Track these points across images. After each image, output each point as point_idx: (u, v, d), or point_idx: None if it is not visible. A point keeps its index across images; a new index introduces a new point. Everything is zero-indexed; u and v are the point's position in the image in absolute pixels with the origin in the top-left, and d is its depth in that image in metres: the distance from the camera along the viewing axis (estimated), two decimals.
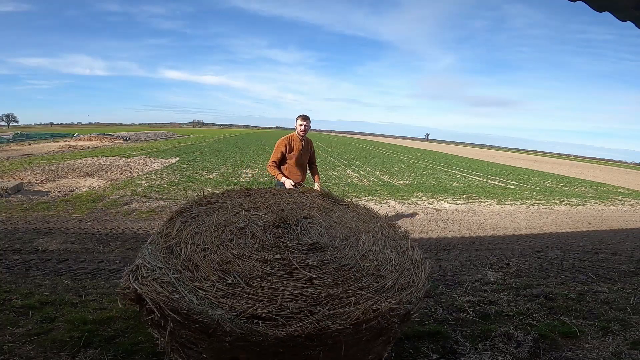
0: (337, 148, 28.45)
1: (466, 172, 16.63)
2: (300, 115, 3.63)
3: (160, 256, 1.52)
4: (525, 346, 2.24)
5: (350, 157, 19.83)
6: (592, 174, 23.37)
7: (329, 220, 2.13)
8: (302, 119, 3.61)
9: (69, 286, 2.96)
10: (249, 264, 1.54)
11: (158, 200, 6.61)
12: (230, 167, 11.98)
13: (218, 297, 1.30)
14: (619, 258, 5.02)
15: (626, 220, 8.43)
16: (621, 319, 2.73)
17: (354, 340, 1.26)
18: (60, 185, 7.59)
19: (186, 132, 50.86)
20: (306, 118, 3.62)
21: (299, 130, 3.62)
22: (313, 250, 1.72)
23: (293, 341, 1.17)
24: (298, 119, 3.63)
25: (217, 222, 1.90)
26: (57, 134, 28.73)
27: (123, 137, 25.06)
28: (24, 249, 3.86)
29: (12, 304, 2.44)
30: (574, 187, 14.66)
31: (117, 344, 2.01)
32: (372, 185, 10.23)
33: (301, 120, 3.61)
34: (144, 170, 10.37)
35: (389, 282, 1.53)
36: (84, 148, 17.11)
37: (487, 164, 25.26)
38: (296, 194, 2.57)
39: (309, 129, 3.66)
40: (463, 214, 7.28)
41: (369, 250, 1.81)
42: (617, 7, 1.94)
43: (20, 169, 9.22)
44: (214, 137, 36.47)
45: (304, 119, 3.61)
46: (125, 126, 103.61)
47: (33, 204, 5.88)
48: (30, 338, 2.02)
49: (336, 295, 1.39)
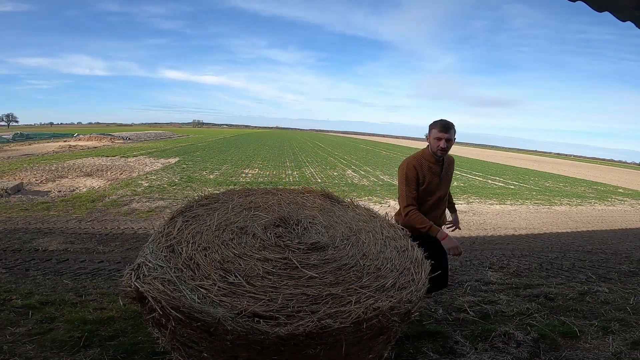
0: (337, 148, 28.45)
1: (466, 172, 16.64)
2: (438, 123, 2.19)
3: (161, 255, 1.52)
4: (525, 346, 2.24)
5: (350, 157, 19.84)
6: (592, 174, 23.40)
7: (330, 220, 2.14)
8: (441, 128, 2.17)
9: (69, 286, 2.96)
10: (250, 263, 1.55)
11: (158, 200, 6.61)
12: (230, 167, 11.99)
13: (219, 296, 1.30)
14: (619, 258, 5.03)
15: (626, 220, 8.44)
16: (621, 319, 2.73)
17: (354, 339, 1.26)
18: (60, 185, 7.59)
19: (186, 132, 50.89)
20: (448, 128, 2.18)
21: (435, 148, 2.19)
22: (314, 250, 1.72)
23: (294, 340, 1.18)
24: (434, 128, 2.20)
25: (218, 222, 1.90)
26: (57, 134, 28.74)
27: (123, 137, 25.06)
28: (24, 249, 3.86)
29: (12, 304, 2.44)
30: (574, 187, 14.67)
31: (117, 344, 2.01)
32: (372, 185, 10.23)
33: (440, 130, 2.17)
34: (144, 170, 10.37)
35: (389, 281, 1.53)
36: (84, 148, 17.12)
37: (487, 164, 25.27)
38: (296, 194, 2.57)
39: (452, 145, 2.23)
40: (463, 214, 7.29)
41: (369, 249, 1.81)
42: (617, 7, 1.95)
43: (20, 169, 9.22)
44: (214, 137, 36.48)
45: (443, 128, 2.17)
46: (125, 126, 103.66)
47: (33, 204, 5.88)
48: (30, 338, 2.02)
49: (337, 294, 1.39)
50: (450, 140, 2.18)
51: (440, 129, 2.16)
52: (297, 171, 12.12)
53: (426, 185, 2.21)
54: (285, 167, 13.16)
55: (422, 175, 2.20)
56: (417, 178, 2.19)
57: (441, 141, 2.16)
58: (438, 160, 2.24)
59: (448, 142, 2.17)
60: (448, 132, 2.16)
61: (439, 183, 2.26)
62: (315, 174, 11.84)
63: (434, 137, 2.19)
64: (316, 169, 13.21)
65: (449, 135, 2.17)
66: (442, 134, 2.16)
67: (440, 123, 2.17)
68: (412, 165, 2.21)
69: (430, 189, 2.23)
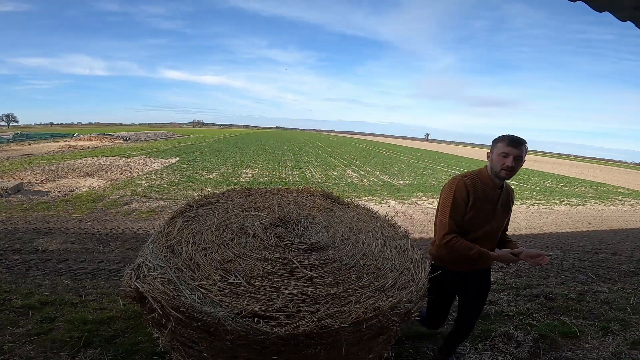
0: (337, 148, 28.45)
1: None
2: (506, 137, 1.70)
3: (161, 255, 1.52)
4: (525, 346, 2.24)
5: (350, 157, 19.84)
6: (592, 174, 23.40)
7: (330, 220, 2.14)
8: (509, 142, 1.68)
9: (69, 286, 2.96)
10: (250, 263, 1.55)
11: (158, 200, 6.61)
12: (230, 167, 11.99)
13: (219, 296, 1.30)
14: (619, 258, 5.03)
15: (626, 220, 8.44)
16: (621, 319, 2.74)
17: (354, 339, 1.26)
18: (60, 185, 7.59)
19: (186, 132, 50.90)
20: (520, 143, 1.68)
21: (498, 167, 1.70)
22: (314, 250, 1.72)
23: (294, 340, 1.18)
24: (499, 142, 1.72)
25: (218, 222, 1.90)
26: (57, 134, 28.75)
27: (123, 137, 25.07)
28: (24, 249, 3.86)
29: (12, 304, 2.44)
30: (574, 187, 14.68)
31: (117, 344, 2.01)
32: (372, 185, 10.23)
33: (508, 145, 1.68)
34: (144, 170, 10.37)
35: (389, 281, 1.53)
36: (84, 148, 17.12)
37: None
38: (296, 194, 2.57)
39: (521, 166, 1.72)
40: None
41: (369, 249, 1.81)
42: (617, 7, 1.95)
43: (20, 169, 9.22)
44: (214, 137, 36.48)
45: (513, 143, 1.68)
46: (125, 126, 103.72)
47: (33, 204, 5.88)
48: (30, 338, 2.02)
49: (337, 294, 1.39)
50: (520, 160, 1.66)
51: (509, 143, 1.66)
52: (297, 171, 12.13)
53: (475, 213, 1.72)
54: (285, 167, 13.17)
55: (472, 200, 1.71)
56: (466, 202, 1.71)
57: (508, 158, 1.65)
58: (497, 184, 1.75)
59: (517, 161, 1.66)
60: (518, 148, 1.65)
61: (493, 214, 1.76)
62: (315, 174, 11.84)
63: (499, 152, 1.68)
64: (316, 169, 13.21)
65: (519, 153, 1.65)
66: (511, 149, 1.65)
67: (509, 137, 1.68)
68: (463, 185, 1.71)
69: (479, 219, 1.73)
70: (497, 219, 1.80)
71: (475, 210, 1.72)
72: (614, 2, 1.91)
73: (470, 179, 1.76)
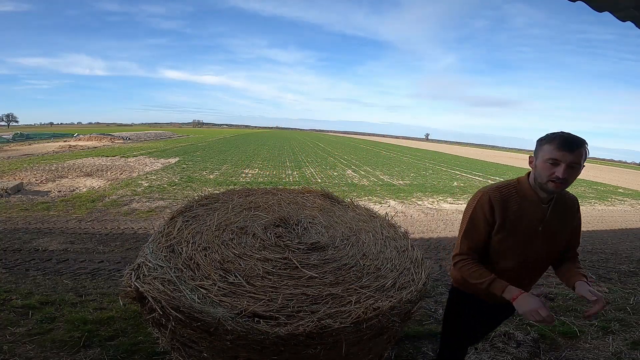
0: (337, 148, 28.45)
1: (466, 172, 16.64)
2: (557, 137, 1.24)
3: (161, 255, 1.52)
4: (525, 346, 2.25)
5: (350, 157, 19.84)
6: (592, 174, 23.40)
7: (330, 220, 2.14)
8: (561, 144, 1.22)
9: (69, 286, 2.96)
10: (250, 263, 1.55)
11: (158, 200, 6.61)
12: (230, 167, 11.99)
13: (219, 296, 1.30)
14: (619, 258, 5.03)
15: (626, 220, 8.44)
16: (621, 319, 2.74)
17: (354, 339, 1.26)
18: (60, 185, 7.59)
19: (186, 132, 50.90)
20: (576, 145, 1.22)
21: (544, 177, 1.26)
22: (314, 250, 1.72)
23: (294, 340, 1.18)
24: (548, 144, 1.26)
25: (218, 222, 1.90)
26: (57, 134, 28.75)
27: (123, 137, 25.07)
28: (24, 249, 3.86)
29: (12, 304, 2.44)
30: (574, 187, 14.67)
31: (117, 344, 2.01)
32: (372, 185, 10.23)
33: (559, 147, 1.22)
34: (144, 170, 10.37)
35: (389, 281, 1.53)
36: (84, 148, 17.12)
37: (487, 164, 25.28)
38: (296, 194, 2.57)
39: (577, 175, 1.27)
40: None
41: (369, 249, 1.81)
42: (617, 7, 1.95)
43: (20, 169, 9.22)
44: (214, 137, 36.49)
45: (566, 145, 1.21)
46: (125, 126, 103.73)
47: (33, 204, 5.88)
48: (30, 338, 2.02)
49: (337, 294, 1.39)
50: (576, 169, 1.20)
51: (561, 146, 1.19)
52: (297, 171, 12.13)
53: (504, 236, 1.31)
54: (285, 167, 13.17)
55: (501, 219, 1.30)
56: (489, 222, 1.31)
57: (559, 167, 1.19)
58: (544, 198, 1.31)
59: (572, 170, 1.20)
60: (573, 152, 1.18)
61: (533, 237, 1.32)
62: (315, 174, 11.84)
63: (547, 157, 1.22)
64: (316, 169, 13.21)
65: (574, 158, 1.19)
66: (564, 155, 1.18)
67: (560, 137, 1.21)
68: (487, 200, 1.31)
69: (511, 244, 1.32)
70: (541, 245, 1.34)
71: (505, 233, 1.31)
72: (614, 2, 1.91)
73: (501, 191, 1.33)
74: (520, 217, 1.32)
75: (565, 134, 1.24)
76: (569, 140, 1.21)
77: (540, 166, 1.26)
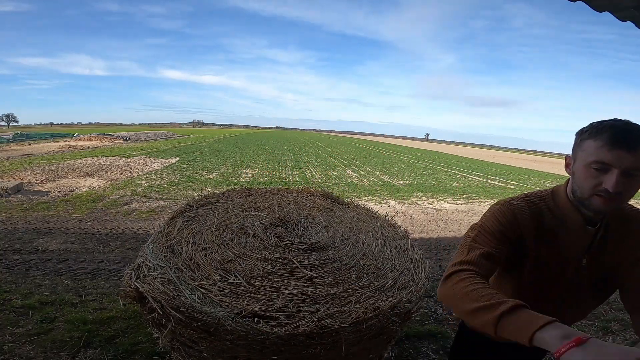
0: (337, 148, 28.45)
1: (466, 172, 16.64)
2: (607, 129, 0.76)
3: (161, 255, 1.52)
4: None
5: (350, 157, 19.84)
6: None
7: (330, 220, 2.14)
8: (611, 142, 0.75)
9: (69, 286, 2.96)
10: (250, 263, 1.55)
11: (158, 200, 6.60)
12: (230, 167, 11.98)
13: (219, 296, 1.31)
14: None
15: None
16: (621, 319, 2.74)
17: (354, 339, 1.26)
18: (60, 185, 7.59)
19: (186, 132, 50.89)
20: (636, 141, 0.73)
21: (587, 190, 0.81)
22: (314, 250, 1.72)
23: (294, 340, 1.18)
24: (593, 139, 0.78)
25: (218, 222, 1.90)
26: (57, 134, 28.75)
27: (123, 137, 25.06)
28: (24, 249, 3.85)
29: (12, 304, 2.44)
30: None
31: (117, 344, 2.01)
32: (372, 185, 10.23)
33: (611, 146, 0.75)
34: (144, 170, 10.37)
35: (389, 281, 1.53)
36: (84, 148, 17.12)
37: (487, 164, 25.26)
38: (296, 194, 2.57)
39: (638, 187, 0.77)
40: (463, 214, 7.28)
41: (369, 249, 1.81)
42: (617, 7, 1.95)
43: (20, 169, 9.22)
44: (214, 137, 36.48)
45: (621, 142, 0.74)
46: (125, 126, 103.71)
47: (33, 204, 5.88)
48: (30, 338, 2.02)
49: (337, 294, 1.40)
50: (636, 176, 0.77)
51: (613, 142, 0.76)
52: (297, 171, 12.13)
53: (536, 264, 0.92)
54: (285, 167, 13.17)
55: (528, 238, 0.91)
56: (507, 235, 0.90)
57: (610, 174, 0.77)
58: (589, 217, 0.88)
59: (631, 179, 0.77)
60: (633, 151, 0.75)
61: (578, 270, 0.92)
62: (315, 174, 11.84)
63: (590, 160, 0.80)
64: (316, 169, 13.21)
65: (634, 162, 0.75)
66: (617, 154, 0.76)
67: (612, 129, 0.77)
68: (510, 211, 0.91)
69: (544, 278, 0.94)
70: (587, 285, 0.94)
71: (530, 264, 0.93)
72: (614, 2, 1.91)
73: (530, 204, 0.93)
74: (553, 243, 0.90)
75: (619, 124, 0.77)
76: (626, 132, 0.75)
77: (581, 173, 0.82)
